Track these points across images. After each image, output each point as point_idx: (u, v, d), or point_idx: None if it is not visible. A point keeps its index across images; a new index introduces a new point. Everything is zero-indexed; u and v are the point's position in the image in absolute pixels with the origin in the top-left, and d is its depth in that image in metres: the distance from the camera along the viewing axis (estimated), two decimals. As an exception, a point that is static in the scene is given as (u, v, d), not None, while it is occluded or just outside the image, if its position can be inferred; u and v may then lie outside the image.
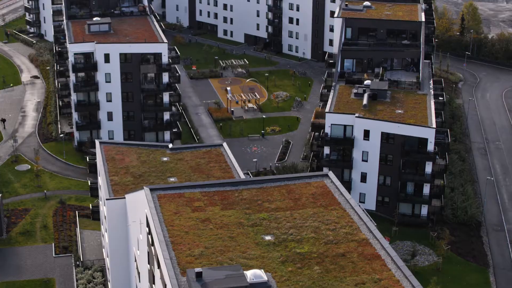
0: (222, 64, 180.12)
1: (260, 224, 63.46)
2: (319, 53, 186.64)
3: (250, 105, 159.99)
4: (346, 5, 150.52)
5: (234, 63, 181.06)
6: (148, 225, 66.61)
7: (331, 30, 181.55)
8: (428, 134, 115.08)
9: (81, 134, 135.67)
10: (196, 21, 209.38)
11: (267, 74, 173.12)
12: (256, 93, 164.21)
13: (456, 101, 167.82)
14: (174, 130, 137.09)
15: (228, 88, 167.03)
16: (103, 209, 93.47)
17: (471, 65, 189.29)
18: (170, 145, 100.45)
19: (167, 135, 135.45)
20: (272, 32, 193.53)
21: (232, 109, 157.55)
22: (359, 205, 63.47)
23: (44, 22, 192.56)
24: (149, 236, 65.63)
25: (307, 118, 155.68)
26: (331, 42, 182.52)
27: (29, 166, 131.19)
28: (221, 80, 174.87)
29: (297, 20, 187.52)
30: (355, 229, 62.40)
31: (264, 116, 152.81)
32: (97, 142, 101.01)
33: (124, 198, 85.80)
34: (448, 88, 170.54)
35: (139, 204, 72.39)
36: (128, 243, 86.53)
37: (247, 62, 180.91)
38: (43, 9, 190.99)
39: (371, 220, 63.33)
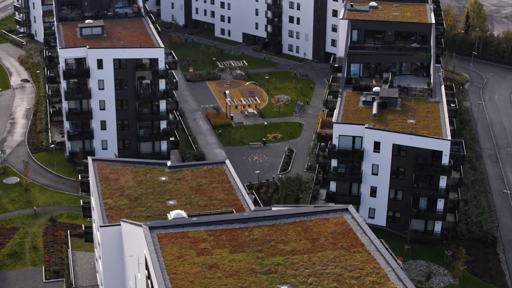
0: (220, 65, 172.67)
1: (275, 271, 56.24)
2: (321, 53, 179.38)
3: (250, 110, 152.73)
4: (351, 5, 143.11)
5: (233, 64, 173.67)
6: (147, 267, 59.41)
7: (334, 29, 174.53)
8: (443, 146, 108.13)
9: (73, 144, 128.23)
10: (192, 19, 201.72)
11: (267, 77, 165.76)
12: (256, 97, 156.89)
13: (464, 104, 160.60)
14: (171, 139, 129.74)
15: (227, 92, 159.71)
16: (97, 235, 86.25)
17: (477, 65, 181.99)
18: (169, 163, 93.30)
19: (164, 144, 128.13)
20: (271, 32, 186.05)
21: (232, 115, 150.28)
22: (385, 246, 56.27)
23: (35, 22, 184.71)
24: (149, 281, 58.44)
25: (310, 124, 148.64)
26: (333, 42, 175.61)
27: (18, 179, 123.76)
28: (219, 83, 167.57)
29: (298, 19, 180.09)
30: (382, 276, 55.30)
31: (265, 123, 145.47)
32: (90, 159, 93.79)
33: (119, 225, 78.74)
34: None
35: (137, 240, 65.21)
36: (124, 274, 79.36)
37: (246, 64, 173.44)
38: (33, 8, 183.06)
39: (398, 262, 56.24)
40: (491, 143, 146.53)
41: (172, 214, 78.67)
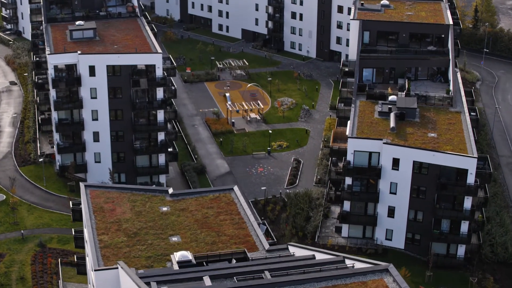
0: (219, 65, 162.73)
1: None
2: (325, 51, 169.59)
3: (252, 115, 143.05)
4: (362, 4, 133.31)
5: (232, 64, 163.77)
6: None
7: (339, 26, 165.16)
8: (469, 164, 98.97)
9: (63, 157, 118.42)
10: (188, 14, 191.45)
11: (270, 78, 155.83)
12: (258, 101, 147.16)
13: (477, 106, 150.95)
14: (169, 149, 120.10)
15: (227, 94, 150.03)
16: (91, 275, 76.78)
17: (487, 62, 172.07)
18: (170, 190, 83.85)
19: (161, 157, 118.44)
20: (272, 28, 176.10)
21: (233, 120, 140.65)
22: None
23: (22, 19, 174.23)
24: None
25: (317, 130, 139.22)
26: (338, 40, 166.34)
27: (4, 196, 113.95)
28: (219, 84, 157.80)
29: (301, 15, 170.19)
30: None
31: (270, 131, 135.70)
32: (82, 186, 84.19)
33: (117, 268, 69.44)
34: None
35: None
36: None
37: (247, 63, 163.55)
38: (21, 4, 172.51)
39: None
40: (508, 149, 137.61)
41: (176, 256, 69.84)
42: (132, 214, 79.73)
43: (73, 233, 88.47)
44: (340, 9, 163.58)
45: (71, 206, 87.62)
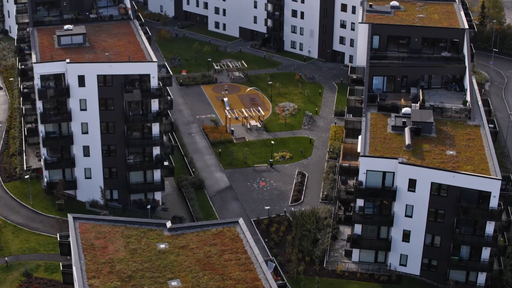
0: (216, 66, 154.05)
1: None
2: (328, 51, 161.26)
3: (253, 122, 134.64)
4: (370, 5, 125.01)
5: (230, 65, 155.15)
6: None
7: (342, 26, 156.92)
8: (492, 186, 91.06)
9: (51, 173, 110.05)
10: (183, 11, 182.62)
11: (270, 82, 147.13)
12: (259, 107, 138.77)
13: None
14: (165, 163, 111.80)
15: (225, 99, 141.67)
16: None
17: (495, 61, 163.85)
18: (169, 224, 75.78)
19: (157, 173, 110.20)
20: (272, 27, 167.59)
21: (232, 128, 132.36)
22: None
23: (9, 17, 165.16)
24: None
25: (322, 139, 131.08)
26: (341, 40, 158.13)
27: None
28: (216, 87, 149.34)
29: (302, 13, 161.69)
30: None
31: (272, 142, 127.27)
32: (70, 217, 76.11)
33: (110, 321, 61.67)
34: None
35: None
36: None
37: (245, 65, 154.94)
38: (7, 1, 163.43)
39: None
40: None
41: (176, 308, 61.95)
42: (126, 252, 71.76)
43: (61, 268, 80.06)
44: (343, 7, 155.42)
45: (58, 239, 79.19)
